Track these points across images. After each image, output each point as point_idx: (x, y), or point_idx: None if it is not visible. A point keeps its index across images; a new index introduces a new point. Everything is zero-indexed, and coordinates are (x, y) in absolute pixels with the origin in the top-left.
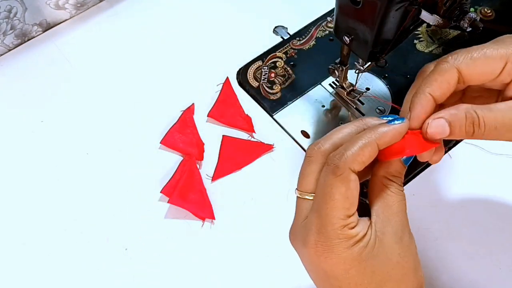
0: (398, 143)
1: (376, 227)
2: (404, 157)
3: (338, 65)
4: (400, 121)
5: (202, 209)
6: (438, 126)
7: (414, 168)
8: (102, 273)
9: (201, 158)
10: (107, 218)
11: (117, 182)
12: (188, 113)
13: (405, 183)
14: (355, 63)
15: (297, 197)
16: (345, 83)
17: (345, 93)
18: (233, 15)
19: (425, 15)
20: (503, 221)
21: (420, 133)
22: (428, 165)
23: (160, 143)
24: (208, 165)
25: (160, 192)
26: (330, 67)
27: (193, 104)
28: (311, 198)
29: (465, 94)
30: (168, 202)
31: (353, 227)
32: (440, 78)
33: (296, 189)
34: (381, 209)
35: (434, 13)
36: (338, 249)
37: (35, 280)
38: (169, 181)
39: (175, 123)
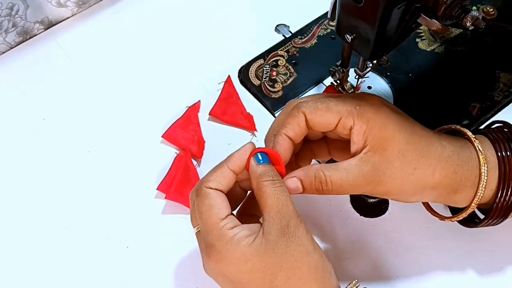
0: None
1: (264, 229)
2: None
3: (339, 68)
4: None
5: None
6: (292, 183)
7: None
8: (104, 272)
9: (200, 156)
10: (109, 216)
11: (119, 180)
12: (193, 110)
13: None
14: (355, 69)
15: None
16: (346, 85)
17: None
18: (234, 14)
19: (424, 19)
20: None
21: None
22: None
23: (162, 137)
24: (207, 164)
25: (156, 189)
26: (331, 69)
27: (199, 101)
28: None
29: (328, 140)
30: (165, 198)
31: (230, 228)
32: (292, 122)
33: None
34: (266, 214)
35: (435, 9)
36: (225, 252)
37: (36, 278)
38: (164, 177)
39: (178, 119)
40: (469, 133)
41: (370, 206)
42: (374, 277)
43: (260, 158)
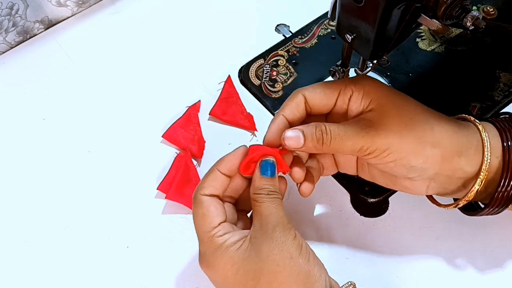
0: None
1: (251, 234)
2: (259, 171)
3: (339, 67)
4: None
5: None
6: (293, 136)
7: None
8: (104, 272)
9: (200, 156)
10: (109, 216)
11: (119, 179)
12: (194, 109)
13: None
14: (355, 68)
15: None
16: None
17: None
18: (235, 13)
19: (424, 19)
20: (504, 220)
21: (277, 152)
22: None
23: (162, 137)
24: (207, 164)
25: (157, 189)
26: (331, 69)
27: (199, 101)
28: None
29: None
30: (165, 198)
31: (220, 235)
32: (290, 102)
33: None
34: (256, 220)
35: (435, 9)
36: (214, 258)
37: (37, 278)
38: (165, 177)
39: (179, 119)
40: (466, 116)
41: (370, 206)
42: (374, 277)
43: (267, 167)
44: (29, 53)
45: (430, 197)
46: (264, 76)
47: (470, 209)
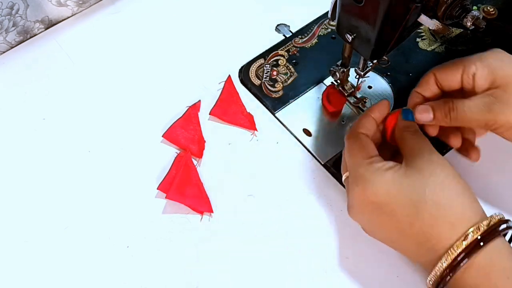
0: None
1: (405, 163)
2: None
3: (339, 67)
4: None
5: (200, 203)
6: (424, 109)
7: None
8: (105, 272)
9: (200, 156)
10: (109, 215)
11: (119, 179)
12: (194, 109)
13: None
14: (355, 68)
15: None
16: (346, 85)
17: (346, 94)
18: (235, 13)
19: (424, 19)
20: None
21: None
22: None
23: (162, 136)
24: (208, 164)
25: (157, 188)
26: (331, 69)
27: (199, 101)
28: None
29: None
30: (165, 198)
31: (379, 161)
32: (422, 81)
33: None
34: (408, 153)
35: (435, 9)
36: (373, 178)
37: (37, 278)
38: (165, 177)
39: (179, 118)
40: None
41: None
42: (374, 276)
43: (407, 113)
44: (29, 53)
45: None
46: (264, 76)
47: None
